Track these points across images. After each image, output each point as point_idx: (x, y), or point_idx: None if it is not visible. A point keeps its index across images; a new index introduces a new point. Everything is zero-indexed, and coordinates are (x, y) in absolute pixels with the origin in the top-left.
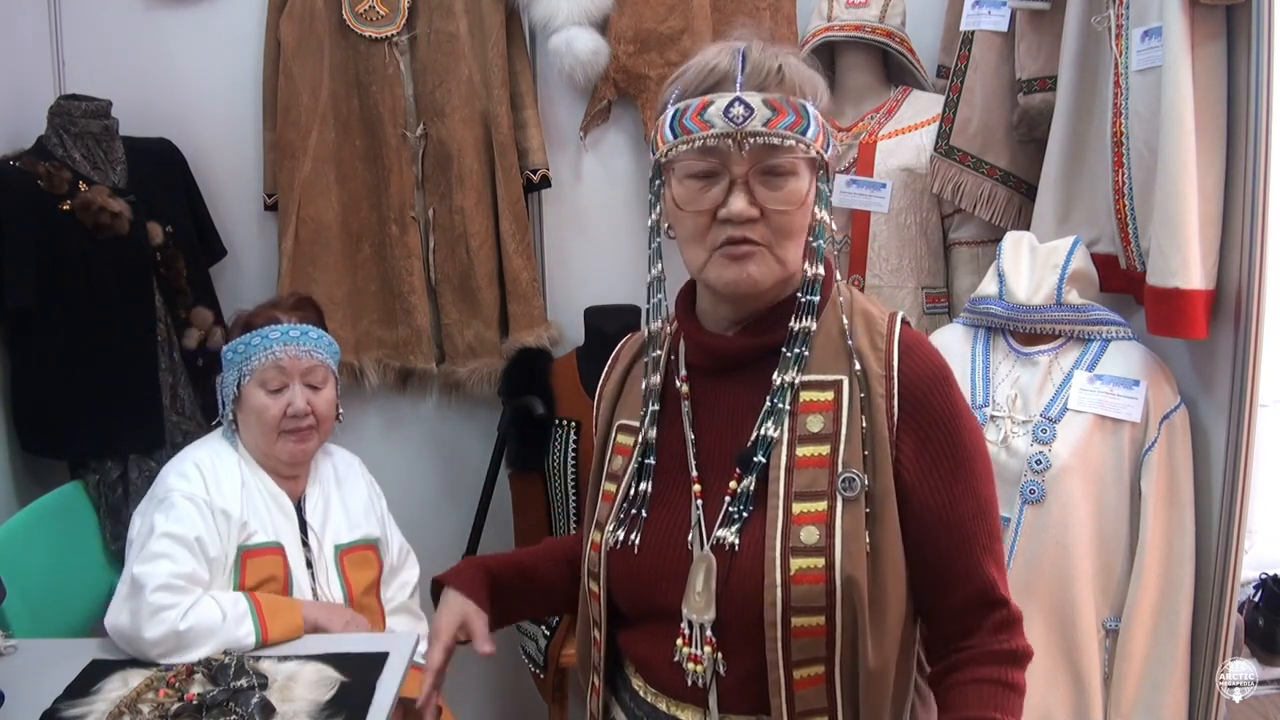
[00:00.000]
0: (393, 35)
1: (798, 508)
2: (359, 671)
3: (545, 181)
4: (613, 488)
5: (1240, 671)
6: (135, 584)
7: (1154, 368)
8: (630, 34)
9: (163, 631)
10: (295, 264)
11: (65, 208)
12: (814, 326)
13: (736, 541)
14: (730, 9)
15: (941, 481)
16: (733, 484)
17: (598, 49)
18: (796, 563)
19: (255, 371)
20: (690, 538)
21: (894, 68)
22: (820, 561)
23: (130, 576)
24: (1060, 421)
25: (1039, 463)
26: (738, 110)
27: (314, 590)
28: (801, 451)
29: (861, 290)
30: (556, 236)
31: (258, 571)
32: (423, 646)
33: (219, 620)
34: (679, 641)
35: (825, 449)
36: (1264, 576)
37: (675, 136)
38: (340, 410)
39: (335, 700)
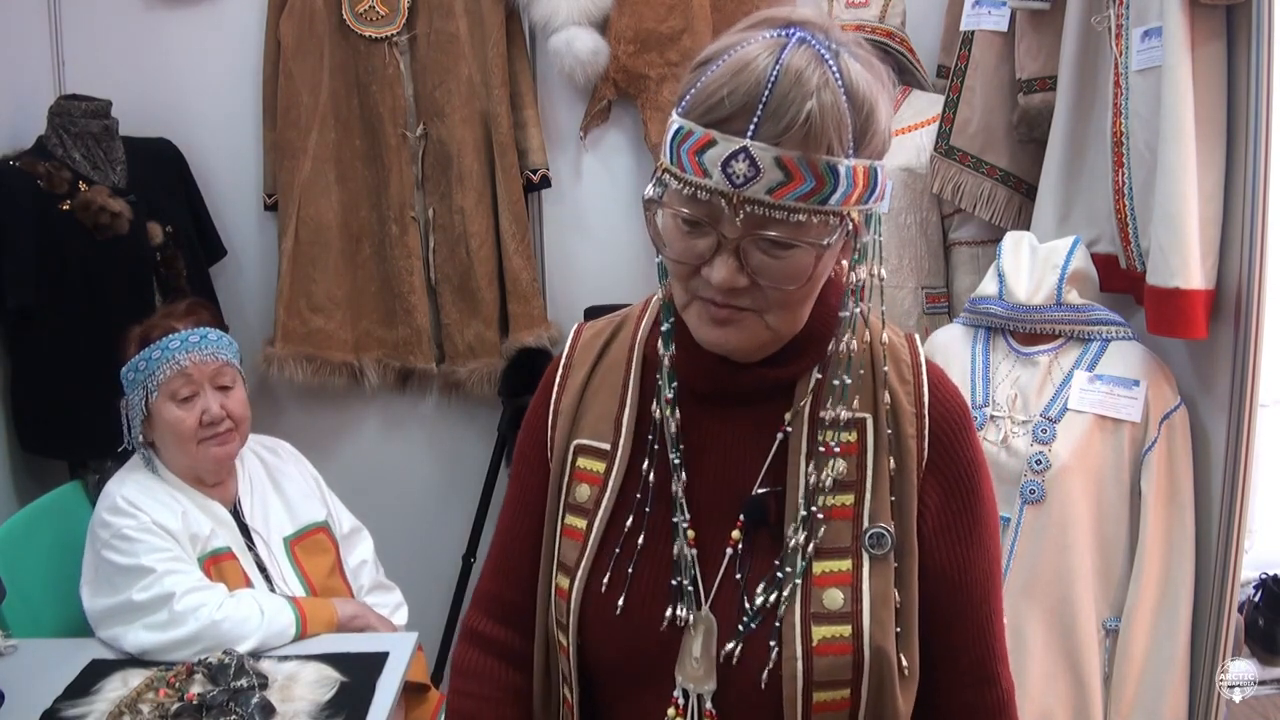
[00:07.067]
0: (393, 35)
1: (818, 567)
2: (359, 671)
3: (545, 181)
4: (579, 523)
5: (1240, 671)
6: (152, 603)
7: (1154, 368)
8: (630, 34)
9: (197, 627)
10: (295, 264)
11: (65, 208)
12: (841, 412)
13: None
14: (730, 9)
15: (959, 540)
16: (735, 534)
17: (598, 49)
18: (820, 632)
19: (162, 385)
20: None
21: (894, 68)
22: (846, 630)
23: (129, 604)
24: (1060, 421)
25: (1039, 463)
26: (739, 168)
27: (272, 591)
28: (821, 501)
29: None
30: (556, 236)
31: (224, 579)
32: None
33: (256, 611)
34: (671, 711)
35: (849, 498)
36: (1264, 576)
37: (671, 160)
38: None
39: (335, 700)
